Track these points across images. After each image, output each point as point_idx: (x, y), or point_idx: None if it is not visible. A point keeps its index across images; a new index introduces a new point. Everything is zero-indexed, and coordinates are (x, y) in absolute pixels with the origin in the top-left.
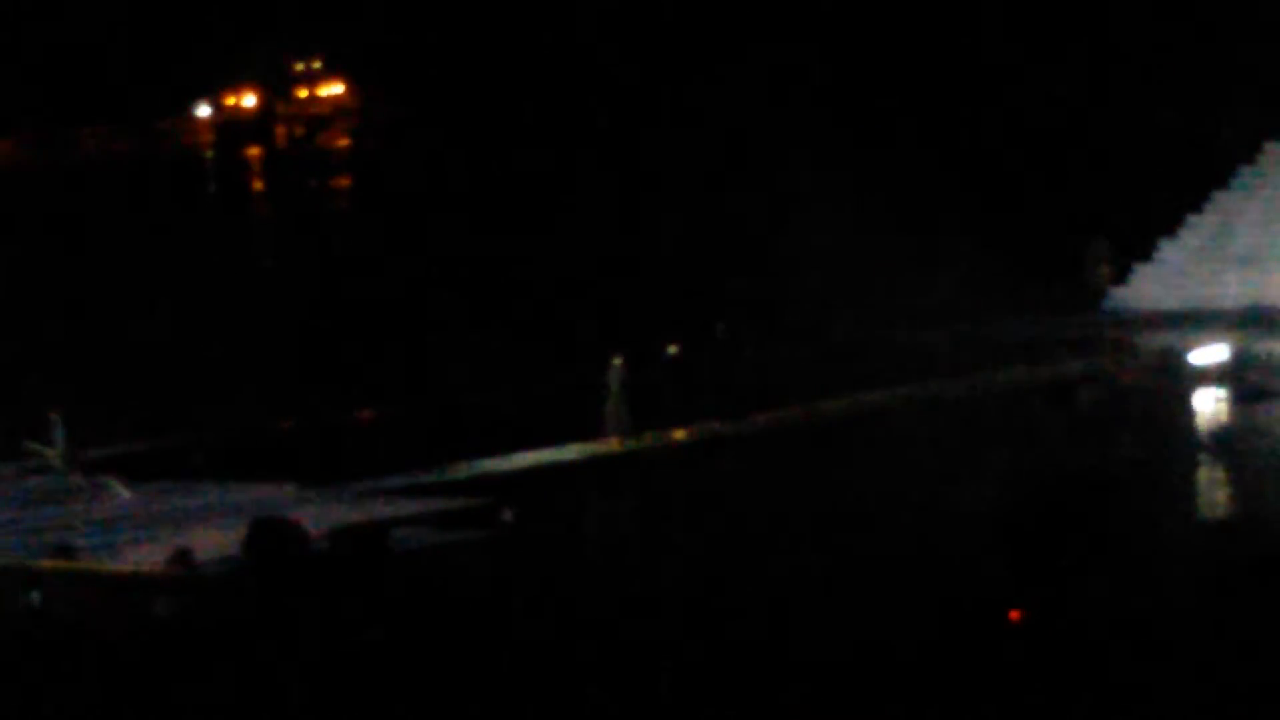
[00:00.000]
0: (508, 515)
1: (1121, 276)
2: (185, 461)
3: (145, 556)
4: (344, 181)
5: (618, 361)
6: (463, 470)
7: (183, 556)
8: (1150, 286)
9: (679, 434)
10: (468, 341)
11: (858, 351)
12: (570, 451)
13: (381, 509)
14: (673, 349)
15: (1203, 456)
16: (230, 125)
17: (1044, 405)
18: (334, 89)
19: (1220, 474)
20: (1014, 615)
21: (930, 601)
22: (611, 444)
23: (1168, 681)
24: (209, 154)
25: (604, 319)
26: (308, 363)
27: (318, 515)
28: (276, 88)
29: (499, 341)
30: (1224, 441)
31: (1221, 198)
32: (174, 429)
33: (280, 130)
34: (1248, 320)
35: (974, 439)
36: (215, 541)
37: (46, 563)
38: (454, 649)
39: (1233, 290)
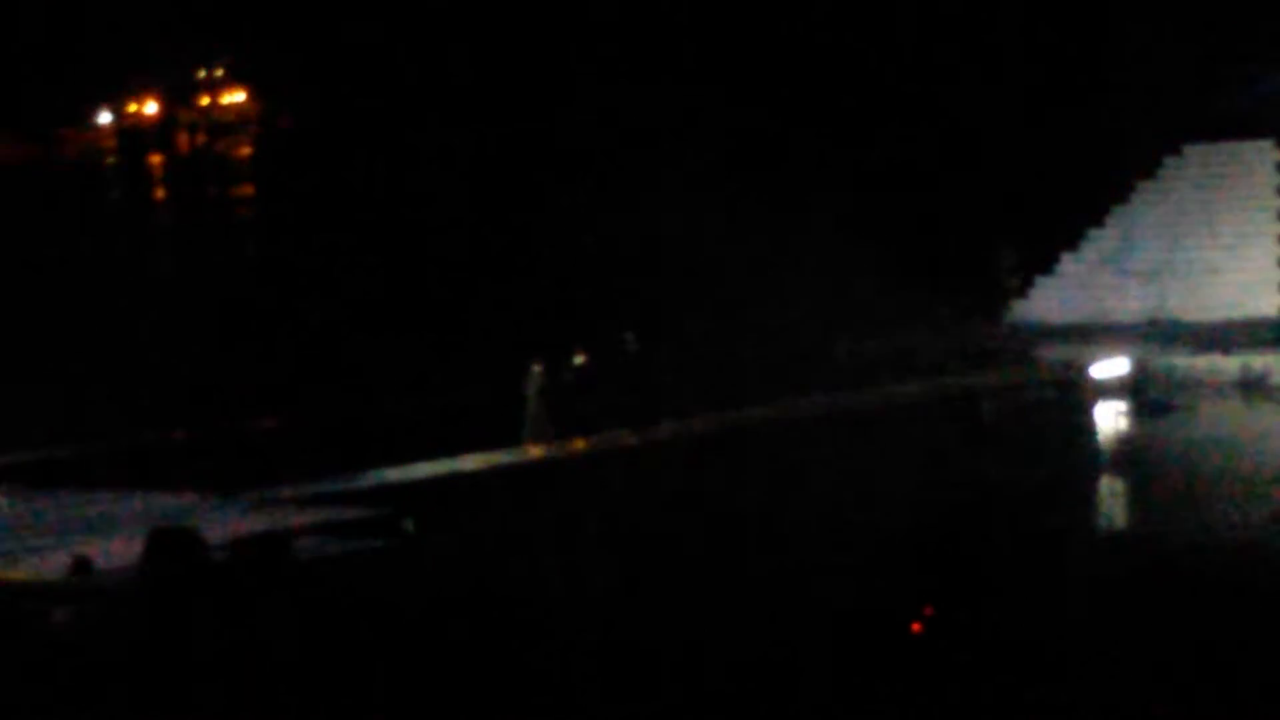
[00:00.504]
0: (408, 525)
1: (1023, 289)
2: (85, 470)
3: (44, 565)
4: (247, 189)
5: (538, 369)
6: (366, 480)
7: (82, 565)
8: (1051, 300)
9: (581, 443)
10: (378, 350)
11: (762, 363)
12: (474, 460)
13: (283, 518)
14: (579, 358)
15: (1103, 469)
16: (132, 133)
17: (946, 418)
18: (236, 96)
19: (1121, 487)
20: (915, 627)
21: (827, 615)
22: (532, 451)
23: (1063, 694)
24: (111, 161)
25: (519, 326)
26: (211, 370)
27: (219, 524)
28: (178, 95)
29: (411, 349)
30: (1125, 454)
31: (1122, 212)
32: (74, 437)
33: (182, 138)
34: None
35: (875, 452)
36: (115, 550)
37: None
38: (352, 658)
39: (1133, 304)
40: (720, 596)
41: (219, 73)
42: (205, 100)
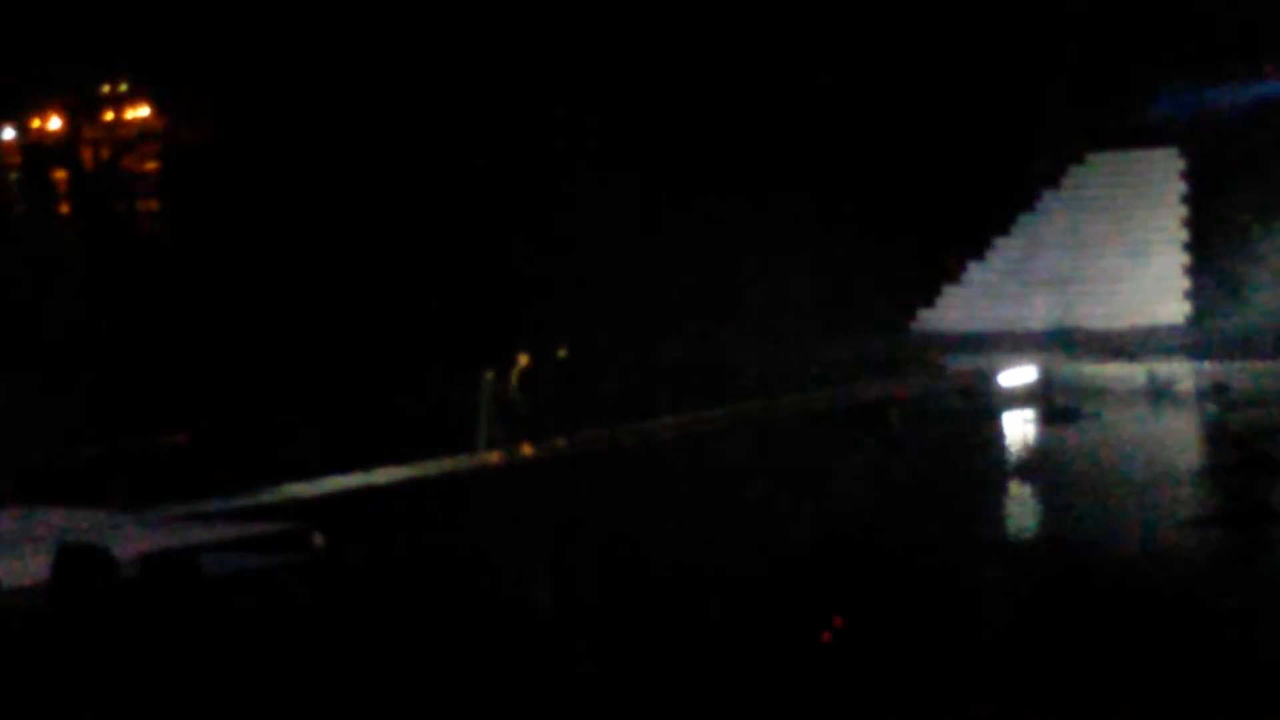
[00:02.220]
0: (318, 540)
1: (930, 299)
2: None
3: None
4: (152, 204)
5: (490, 375)
6: (280, 494)
7: None
8: (958, 308)
9: (526, 449)
10: (298, 362)
11: (675, 372)
12: (402, 470)
13: (193, 534)
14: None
15: (1010, 476)
16: (36, 148)
17: (853, 427)
18: (140, 111)
19: (1027, 493)
20: (825, 637)
21: (729, 625)
22: (488, 457)
23: (965, 701)
24: (14, 176)
25: (447, 336)
26: (120, 385)
27: (128, 541)
28: (82, 110)
29: (336, 360)
30: (1031, 461)
31: (1028, 220)
32: None
33: (87, 153)
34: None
35: (780, 461)
36: (21, 569)
37: None
38: (260, 674)
39: (1039, 312)
40: (621, 607)
41: (123, 87)
42: (109, 115)
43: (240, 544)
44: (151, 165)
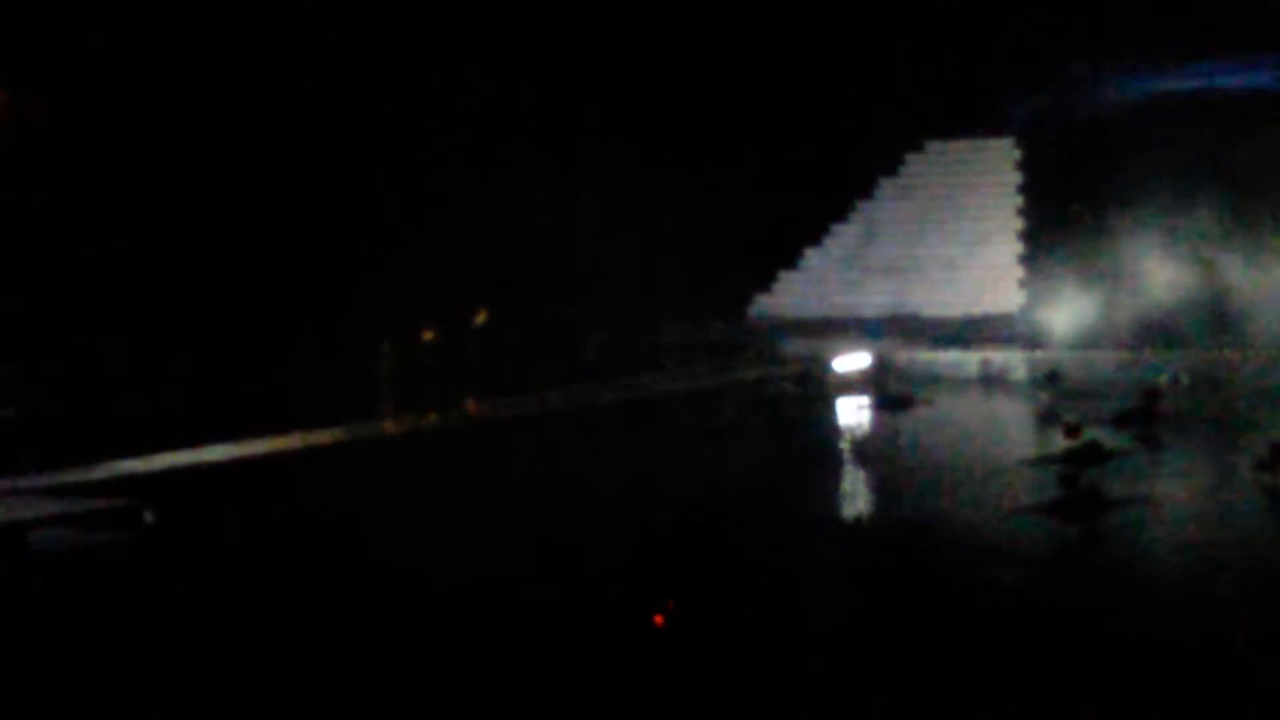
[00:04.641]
0: (149, 516)
1: (766, 284)
2: None
3: None
4: None
5: (387, 348)
6: (113, 469)
7: None
8: (794, 294)
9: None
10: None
11: (519, 355)
12: (221, 450)
13: (19, 510)
14: (429, 335)
15: (842, 462)
16: None
17: (686, 412)
18: None
19: (858, 481)
20: (657, 620)
21: (561, 611)
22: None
23: (800, 691)
24: None
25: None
26: None
27: None
28: None
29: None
30: (863, 448)
31: (865, 207)
32: None
33: None
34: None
35: (614, 446)
36: None
37: None
38: (85, 651)
39: (874, 298)
40: (456, 590)
41: None
42: None
43: (69, 520)
44: None
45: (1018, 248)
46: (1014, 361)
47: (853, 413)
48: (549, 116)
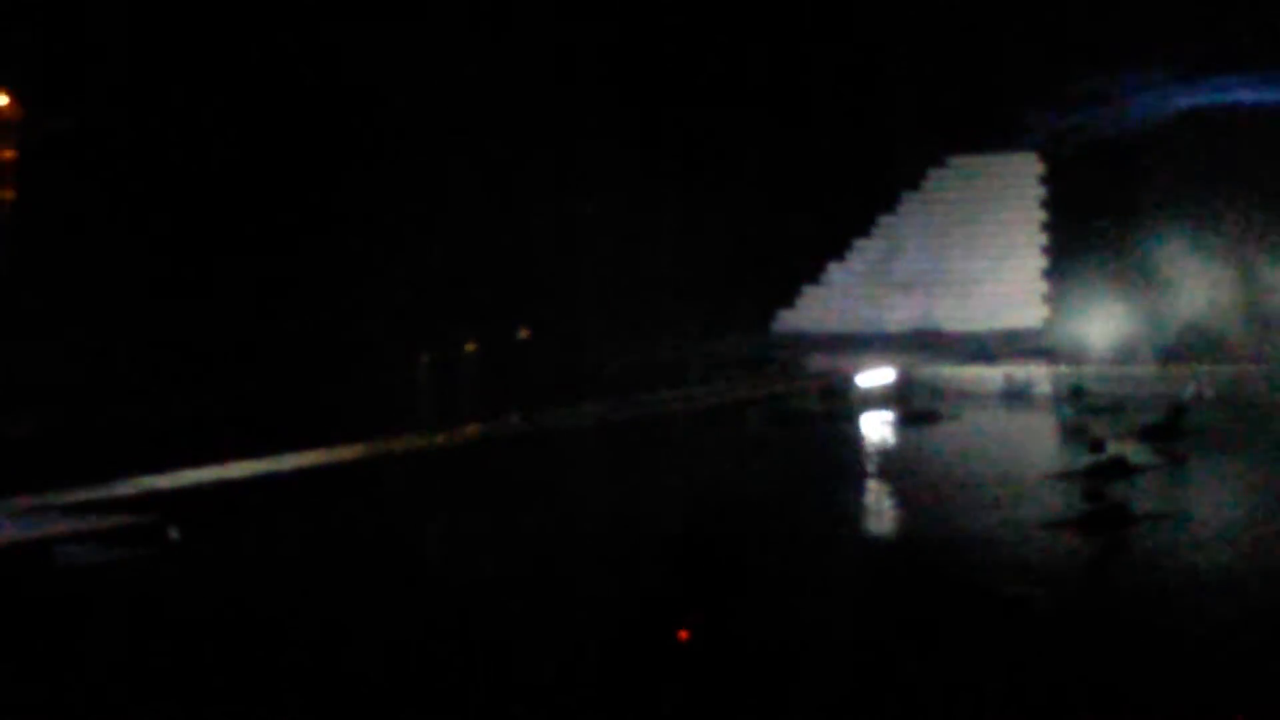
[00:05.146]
0: (174, 533)
1: (789, 299)
2: None
3: None
4: (7, 194)
5: (426, 359)
6: (131, 487)
7: None
8: (818, 309)
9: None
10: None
11: (542, 371)
12: (277, 463)
13: (47, 526)
14: (470, 347)
15: (867, 477)
16: None
17: (713, 427)
18: None
19: (883, 496)
20: (682, 635)
21: (592, 622)
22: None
23: (822, 698)
24: None
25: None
26: None
27: None
28: None
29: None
30: (888, 463)
31: (888, 222)
32: None
33: None
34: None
35: (642, 460)
36: None
37: None
38: (113, 666)
39: (897, 314)
40: (479, 602)
41: None
42: None
43: (94, 536)
44: (8, 155)
45: (1041, 262)
46: (1038, 376)
47: (877, 427)
48: (573, 131)
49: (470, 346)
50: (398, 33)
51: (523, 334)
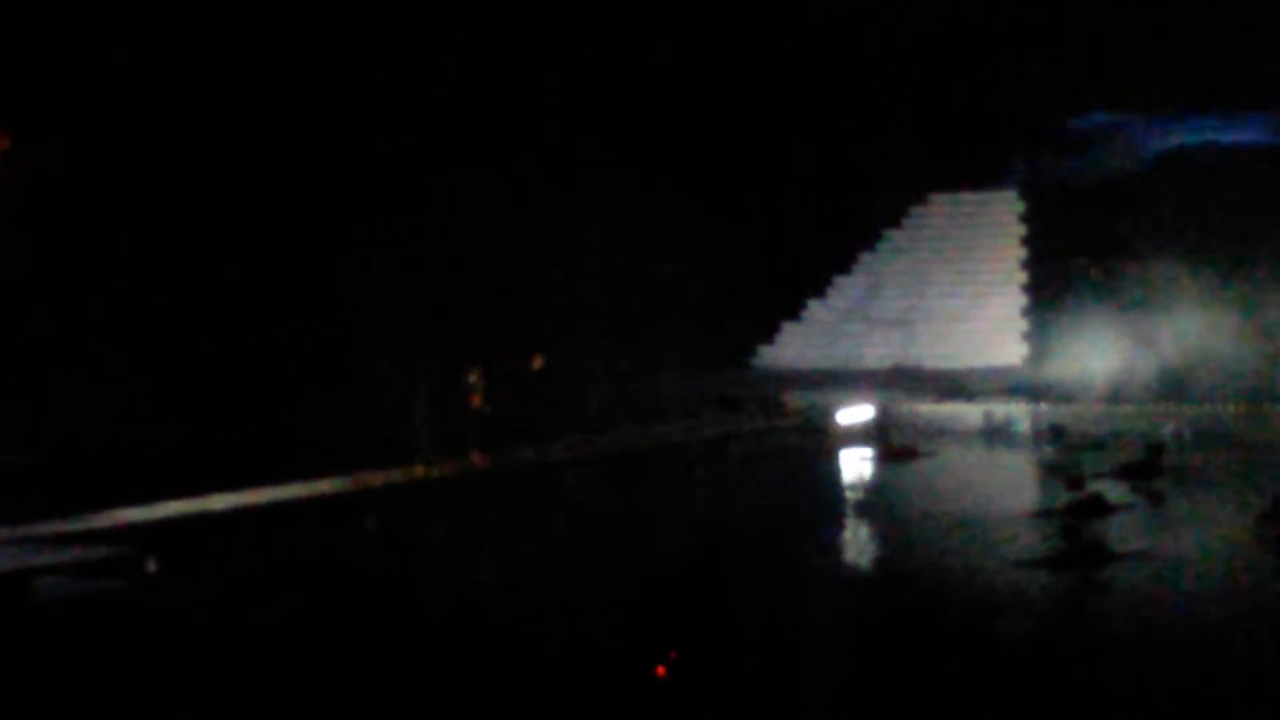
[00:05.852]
0: (151, 565)
1: (769, 335)
2: None
3: None
4: None
5: (424, 388)
6: (110, 519)
7: None
8: (798, 346)
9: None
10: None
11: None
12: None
13: (23, 558)
14: (474, 376)
15: (846, 514)
16: None
17: (691, 463)
18: None
19: (862, 533)
20: (659, 671)
21: (570, 658)
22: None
23: None
24: None
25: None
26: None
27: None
28: None
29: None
30: (867, 499)
31: (868, 259)
32: None
33: None
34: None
35: (619, 496)
36: None
37: None
38: (90, 700)
39: (877, 351)
40: (459, 640)
41: None
42: None
43: (73, 568)
44: None
45: (1021, 300)
46: (1017, 414)
47: (856, 464)
48: (555, 166)
49: (473, 376)
50: (391, 60)
51: (536, 364)
